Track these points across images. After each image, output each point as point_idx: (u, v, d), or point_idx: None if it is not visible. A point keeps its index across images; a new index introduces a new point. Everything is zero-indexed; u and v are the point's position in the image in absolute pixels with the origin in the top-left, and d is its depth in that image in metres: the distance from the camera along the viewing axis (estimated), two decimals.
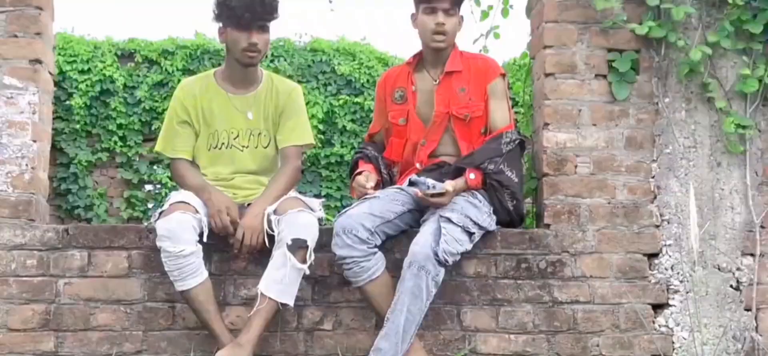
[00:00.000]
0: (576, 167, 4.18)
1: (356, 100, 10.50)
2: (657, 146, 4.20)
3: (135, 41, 10.55)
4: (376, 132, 4.29)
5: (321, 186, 10.58)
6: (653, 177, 4.19)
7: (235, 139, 4.13)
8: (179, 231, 3.79)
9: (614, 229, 4.13)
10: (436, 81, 4.10)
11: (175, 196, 4.01)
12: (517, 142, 4.03)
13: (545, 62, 4.22)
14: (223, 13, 4.02)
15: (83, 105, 10.30)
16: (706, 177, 4.20)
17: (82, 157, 10.32)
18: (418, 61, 4.17)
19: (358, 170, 4.13)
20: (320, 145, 10.52)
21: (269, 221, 3.92)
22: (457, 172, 3.97)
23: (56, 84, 10.27)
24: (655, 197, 4.18)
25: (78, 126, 10.33)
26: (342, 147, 10.54)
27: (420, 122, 4.12)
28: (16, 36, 4.05)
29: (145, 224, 4.02)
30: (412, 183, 4.03)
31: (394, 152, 4.19)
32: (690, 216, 3.86)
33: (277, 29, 14.07)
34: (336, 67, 10.56)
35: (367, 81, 10.55)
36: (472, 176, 3.94)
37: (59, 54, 10.34)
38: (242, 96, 4.14)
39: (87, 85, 10.33)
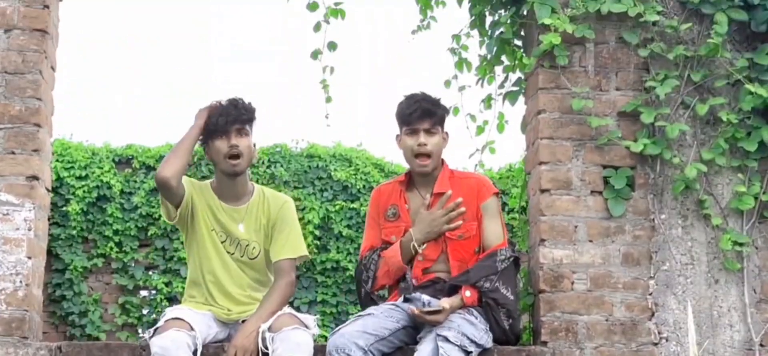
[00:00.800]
0: (573, 283, 4.16)
1: (352, 205, 10.50)
2: (654, 262, 4.19)
3: (132, 147, 10.59)
4: (368, 248, 4.25)
5: (316, 292, 10.51)
6: (651, 294, 4.17)
7: (222, 242, 4.12)
8: (173, 349, 3.75)
9: (612, 347, 4.10)
10: (426, 201, 4.10)
11: (170, 312, 3.98)
12: (511, 259, 4.02)
13: (541, 178, 4.23)
14: (207, 131, 4.07)
15: (80, 211, 10.30)
16: (704, 294, 4.18)
17: (77, 263, 10.28)
18: (409, 180, 4.18)
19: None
20: (316, 251, 10.47)
21: (263, 339, 3.88)
22: (452, 290, 3.95)
23: (53, 190, 10.34)
24: (653, 315, 4.15)
25: (74, 232, 10.31)
26: (338, 253, 10.50)
27: None
28: (13, 153, 4.07)
29: (139, 340, 3.98)
30: (407, 300, 4.01)
31: (390, 272, 4.17)
32: (689, 334, 3.83)
33: (273, 135, 14.15)
34: (332, 173, 10.57)
35: (364, 187, 10.56)
36: (467, 294, 3.92)
37: (57, 161, 10.36)
38: (233, 208, 4.15)
39: (84, 192, 10.33)
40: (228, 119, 4.04)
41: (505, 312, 3.94)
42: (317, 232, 10.42)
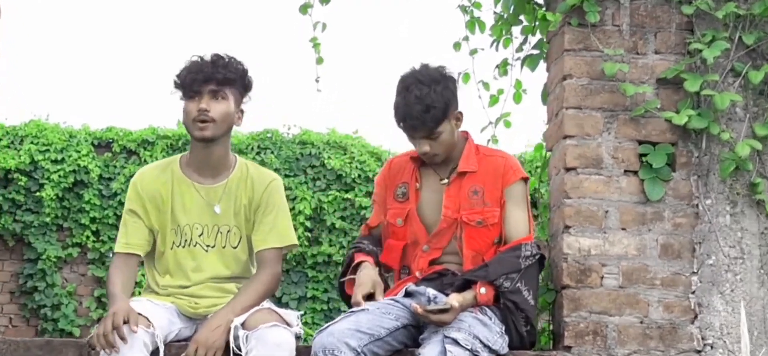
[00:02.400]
0: (602, 278, 3.54)
1: (346, 196, 9.91)
2: (697, 255, 3.57)
3: (113, 130, 9.98)
4: (375, 226, 3.66)
5: (306, 288, 9.93)
6: (693, 293, 3.55)
7: (199, 236, 3.49)
8: (126, 350, 3.14)
9: (647, 354, 3.49)
10: (445, 181, 3.50)
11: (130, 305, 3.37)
12: (537, 257, 3.41)
13: (566, 155, 3.61)
14: (176, 89, 3.45)
15: (54, 197, 9.68)
16: (756, 294, 3.56)
17: (51, 252, 9.65)
18: None
19: (356, 262, 3.51)
20: (307, 243, 9.90)
21: (236, 337, 3.27)
22: (464, 285, 3.33)
23: (26, 174, 9.72)
24: (695, 317, 3.53)
25: (48, 219, 9.69)
26: (330, 246, 9.92)
27: (422, 226, 3.50)
28: None
29: (88, 337, 3.36)
30: (409, 294, 3.39)
31: (390, 256, 3.55)
32: (741, 341, 3.21)
33: (264, 120, 13.54)
34: (326, 161, 10.00)
35: (359, 176, 9.98)
36: (483, 291, 3.30)
37: (31, 143, 9.75)
38: (209, 186, 3.52)
39: (59, 176, 9.71)
40: (197, 77, 3.41)
41: (525, 317, 3.33)
42: (309, 223, 9.85)
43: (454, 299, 3.24)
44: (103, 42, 21.29)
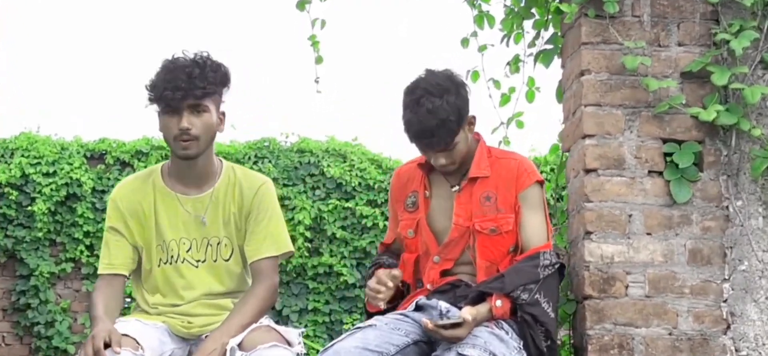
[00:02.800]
0: (627, 287, 3.30)
1: (347, 204, 9.66)
2: (729, 261, 3.32)
3: (106, 141, 9.72)
4: (391, 243, 3.43)
5: (307, 300, 9.68)
6: (725, 301, 3.30)
7: (187, 251, 3.24)
8: None
9: None
10: (456, 188, 3.26)
11: (117, 326, 3.12)
12: (556, 266, 3.16)
13: (585, 155, 3.36)
14: (152, 98, 3.18)
15: (47, 211, 9.42)
16: None
17: (44, 268, 9.39)
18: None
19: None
20: (307, 254, 9.65)
21: None
22: (478, 297, 3.08)
23: (17, 188, 9.46)
24: (728, 327, 3.29)
25: (40, 234, 9.43)
26: (331, 256, 9.68)
27: (432, 236, 3.26)
28: None
29: None
30: (419, 308, 3.14)
31: (405, 270, 3.31)
32: None
33: (261, 128, 13.28)
34: (325, 170, 9.76)
35: (359, 184, 9.74)
36: (498, 303, 3.06)
37: (22, 156, 9.49)
38: (195, 197, 3.27)
39: (52, 190, 9.45)
40: (180, 93, 3.12)
41: (544, 331, 3.08)
42: (308, 233, 9.60)
43: (468, 312, 2.99)
44: (94, 52, 21.04)
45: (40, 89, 19.76)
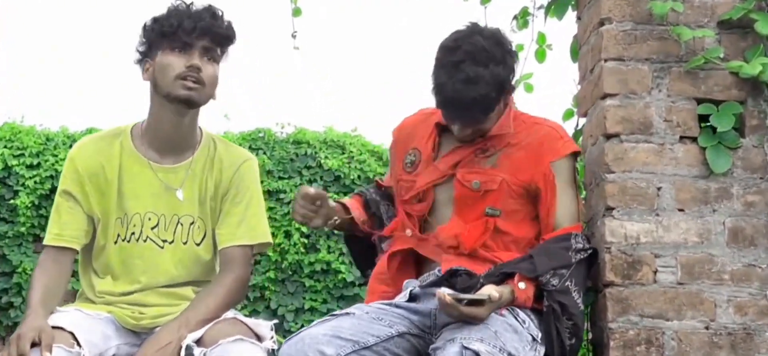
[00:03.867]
0: (655, 273, 2.81)
1: (346, 198, 9.18)
2: None
3: (93, 131, 9.26)
4: (386, 186, 3.02)
5: (304, 299, 9.25)
6: None
7: (153, 229, 2.78)
8: None
9: None
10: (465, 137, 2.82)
11: (52, 318, 2.65)
12: (588, 252, 2.73)
13: (606, 118, 2.87)
14: (153, 34, 2.74)
15: (30, 205, 8.97)
16: None
17: (27, 264, 8.92)
18: None
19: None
20: (304, 251, 9.21)
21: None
22: (496, 277, 2.64)
23: (0, 181, 9.02)
24: None
25: (23, 229, 8.98)
26: (329, 253, 9.24)
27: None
28: None
29: None
30: (413, 298, 2.69)
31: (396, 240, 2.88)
32: None
33: (255, 118, 12.84)
34: (323, 161, 9.33)
35: (358, 177, 9.30)
36: (522, 285, 2.62)
37: (5, 147, 9.06)
38: (170, 166, 2.80)
39: (35, 182, 9.01)
40: (192, 26, 2.69)
41: (572, 326, 2.65)
42: (305, 229, 9.15)
43: (494, 289, 2.53)
44: (79, 38, 20.49)
45: (23, 78, 19.27)
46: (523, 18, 3.40)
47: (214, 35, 2.71)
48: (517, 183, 2.75)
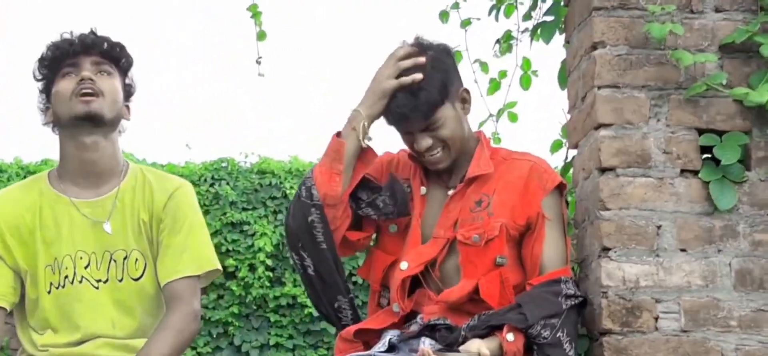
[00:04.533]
0: (657, 319, 2.57)
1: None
2: None
3: (49, 163, 8.96)
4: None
5: (269, 334, 8.96)
6: None
7: (85, 268, 2.53)
8: None
9: None
10: (450, 191, 2.62)
11: None
12: (579, 300, 2.51)
13: (600, 150, 2.63)
14: (42, 74, 2.58)
15: None
16: None
17: None
18: None
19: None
20: (269, 284, 8.94)
21: None
22: (483, 330, 2.40)
23: None
24: None
25: None
26: (295, 286, 8.96)
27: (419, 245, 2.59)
28: None
29: None
30: (392, 348, 2.45)
31: (373, 268, 2.65)
32: None
33: (218, 148, 12.56)
34: (288, 192, 9.06)
35: None
36: (510, 337, 2.40)
37: None
38: (94, 200, 2.57)
39: None
40: (72, 48, 2.53)
41: None
42: (270, 262, 8.88)
43: (480, 345, 2.31)
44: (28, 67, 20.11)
45: None
46: (506, 42, 3.17)
47: (100, 50, 2.55)
48: (515, 227, 2.53)
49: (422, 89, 2.49)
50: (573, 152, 2.89)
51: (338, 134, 2.56)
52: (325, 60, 20.07)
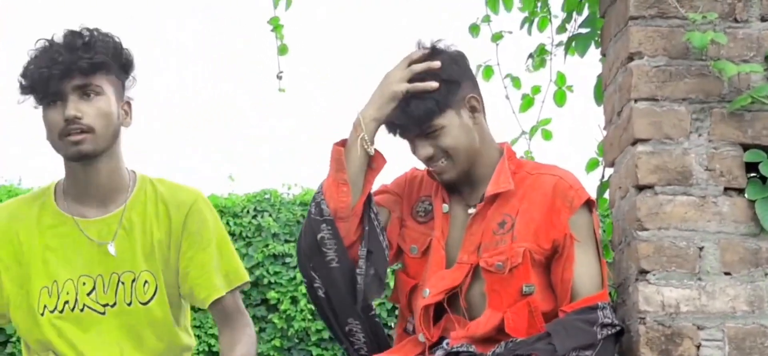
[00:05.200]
0: (699, 347, 2.41)
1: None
2: None
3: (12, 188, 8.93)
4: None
5: None
6: None
7: (89, 294, 2.41)
8: None
9: None
10: (470, 211, 2.46)
11: None
12: (616, 329, 2.35)
13: (637, 167, 2.48)
14: (25, 93, 2.40)
15: None
16: None
17: None
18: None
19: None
20: (311, 317, 8.80)
21: None
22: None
23: None
24: None
25: None
26: None
27: (444, 267, 2.45)
28: None
29: None
30: None
31: (397, 292, 2.54)
32: None
33: (260, 180, 12.50)
34: None
35: None
36: None
37: None
38: (98, 219, 2.44)
39: None
40: (52, 73, 2.33)
41: None
42: None
43: None
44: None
45: None
46: (539, 56, 3.03)
47: (81, 68, 2.34)
48: (540, 251, 2.38)
49: (415, 96, 2.37)
50: (609, 171, 2.74)
51: (341, 143, 2.44)
52: (363, 84, 20.01)
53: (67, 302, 2.40)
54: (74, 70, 2.32)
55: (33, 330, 2.42)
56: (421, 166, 2.55)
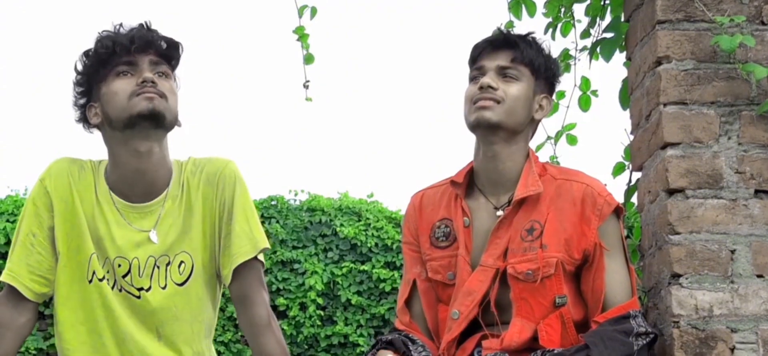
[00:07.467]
0: (733, 350, 2.40)
1: (363, 267, 8.89)
2: None
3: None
4: (409, 297, 2.54)
5: None
6: None
7: (124, 277, 2.43)
8: None
9: None
10: (498, 213, 2.44)
11: None
12: (651, 337, 2.34)
13: (667, 171, 2.48)
14: (90, 68, 2.42)
15: None
16: None
17: None
18: (470, 179, 2.51)
19: None
20: (319, 323, 8.83)
21: None
22: None
23: None
24: None
25: None
26: (346, 325, 8.87)
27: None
28: None
29: None
30: None
31: (442, 331, 2.47)
32: None
33: (267, 186, 12.51)
34: (338, 229, 8.99)
35: (375, 245, 8.96)
36: None
37: None
38: (140, 205, 2.47)
39: None
40: (133, 41, 2.39)
41: None
42: (321, 300, 8.80)
43: None
44: None
45: None
46: (563, 61, 3.03)
47: (157, 48, 2.41)
48: (571, 262, 2.39)
49: (521, 40, 2.46)
50: (636, 175, 2.74)
51: None
52: (375, 93, 20.07)
53: (110, 279, 2.42)
54: (152, 46, 2.39)
55: (77, 294, 2.43)
56: (419, 186, 2.56)
